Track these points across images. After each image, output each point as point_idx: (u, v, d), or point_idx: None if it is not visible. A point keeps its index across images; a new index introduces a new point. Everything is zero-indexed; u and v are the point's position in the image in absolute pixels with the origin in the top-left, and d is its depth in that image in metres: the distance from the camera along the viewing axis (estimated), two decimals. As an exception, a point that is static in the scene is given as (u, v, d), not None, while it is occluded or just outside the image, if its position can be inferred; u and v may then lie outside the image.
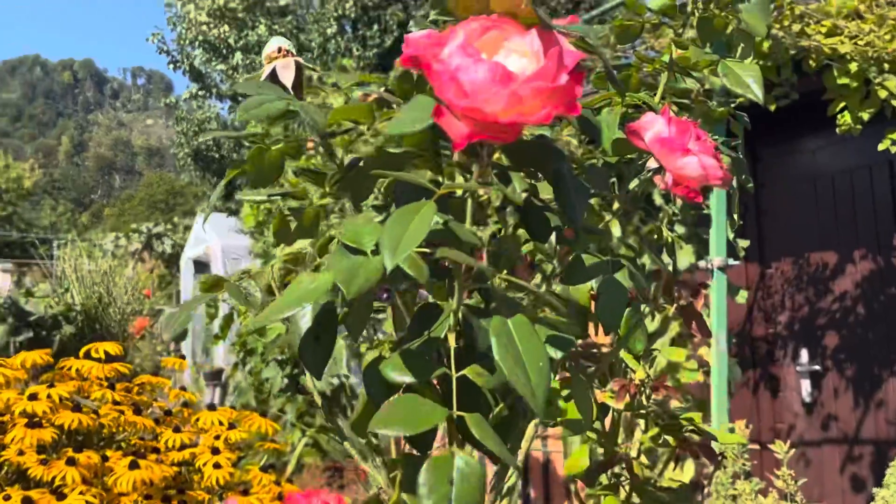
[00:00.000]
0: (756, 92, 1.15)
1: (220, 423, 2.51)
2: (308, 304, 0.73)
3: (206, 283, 0.96)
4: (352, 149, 0.86)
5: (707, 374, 3.35)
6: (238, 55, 13.01)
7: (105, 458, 2.22)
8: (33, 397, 2.30)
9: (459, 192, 0.73)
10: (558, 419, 1.12)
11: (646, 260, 1.48)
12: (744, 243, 3.21)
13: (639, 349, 1.37)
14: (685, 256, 3.20)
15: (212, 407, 2.68)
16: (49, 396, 2.28)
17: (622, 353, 1.38)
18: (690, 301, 1.37)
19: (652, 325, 3.12)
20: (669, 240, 1.45)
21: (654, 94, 1.32)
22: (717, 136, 1.34)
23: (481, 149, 0.74)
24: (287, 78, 0.81)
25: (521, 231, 0.96)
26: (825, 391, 4.01)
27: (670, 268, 1.34)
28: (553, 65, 0.67)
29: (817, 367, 4.01)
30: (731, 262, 3.15)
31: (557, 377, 1.20)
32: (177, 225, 17.77)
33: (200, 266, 12.36)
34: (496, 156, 0.81)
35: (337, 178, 0.85)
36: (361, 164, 0.85)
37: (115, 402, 2.42)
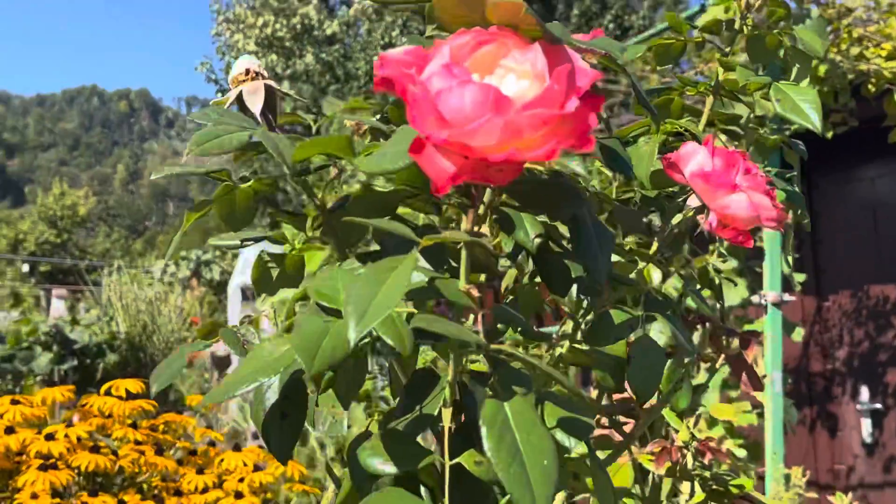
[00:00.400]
0: (813, 119, 1.00)
1: (245, 465, 2.40)
2: (267, 378, 0.60)
3: (202, 329, 0.84)
4: (335, 187, 0.74)
5: (761, 415, 3.16)
6: (286, 84, 13.07)
7: (122, 503, 2.13)
8: (50, 437, 2.22)
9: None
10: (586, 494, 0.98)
11: (690, 303, 1.32)
12: (799, 277, 3.03)
13: (682, 406, 1.22)
14: (737, 292, 3.02)
15: (237, 448, 2.57)
16: (67, 436, 2.19)
17: (665, 411, 1.23)
18: (740, 351, 1.21)
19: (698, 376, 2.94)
20: (717, 281, 1.30)
21: (699, 121, 1.18)
22: (770, 168, 1.19)
23: (477, 190, 0.61)
24: (255, 104, 0.69)
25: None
26: (887, 431, 3.78)
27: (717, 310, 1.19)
28: (560, 87, 0.54)
29: (878, 406, 3.79)
30: (787, 297, 2.97)
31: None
32: (225, 252, 17.87)
33: (247, 293, 12.36)
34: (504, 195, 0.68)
35: (319, 221, 0.72)
36: (347, 204, 0.73)
37: (138, 442, 2.33)
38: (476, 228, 0.61)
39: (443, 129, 0.53)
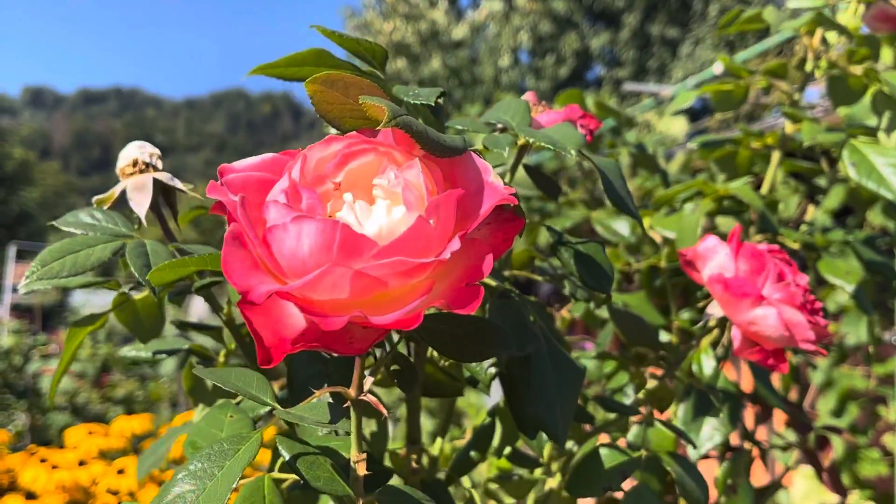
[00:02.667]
0: (894, 187, 0.81)
1: None
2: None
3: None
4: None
5: (892, 465, 2.86)
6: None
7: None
8: (122, 472, 2.19)
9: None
10: None
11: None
12: (934, 315, 2.70)
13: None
14: (860, 329, 2.73)
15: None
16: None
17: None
18: (814, 449, 1.02)
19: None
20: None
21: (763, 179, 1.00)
22: (854, 232, 1.00)
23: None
24: (141, 203, 0.57)
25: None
26: None
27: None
28: (440, 222, 0.39)
29: None
30: (918, 333, 2.66)
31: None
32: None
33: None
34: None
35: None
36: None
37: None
38: (376, 376, 0.47)
39: (276, 279, 0.39)
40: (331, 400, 0.47)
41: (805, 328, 0.60)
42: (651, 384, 0.70)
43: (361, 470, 0.45)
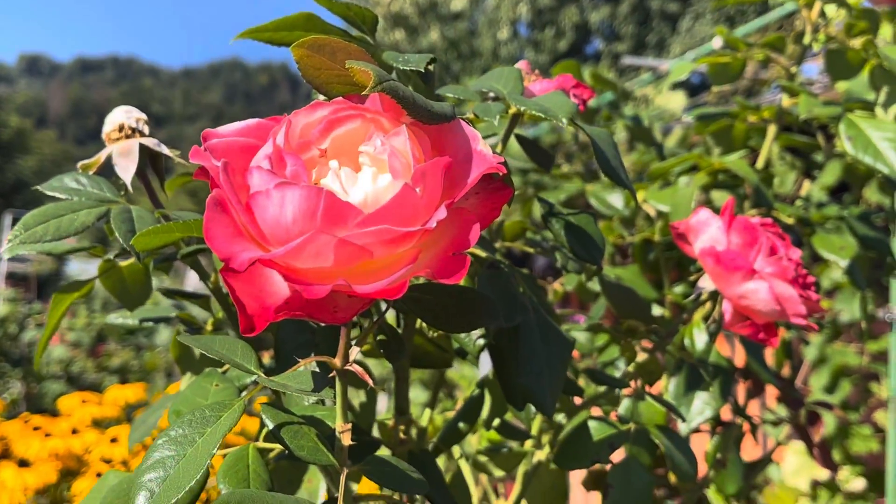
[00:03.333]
0: (891, 161, 0.80)
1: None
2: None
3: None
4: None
5: (883, 441, 2.87)
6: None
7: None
8: (115, 440, 2.19)
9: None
10: None
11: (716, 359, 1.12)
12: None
13: (731, 491, 1.04)
14: (854, 306, 2.73)
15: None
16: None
17: (711, 493, 1.04)
18: (805, 424, 1.03)
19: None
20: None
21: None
22: (850, 208, 0.99)
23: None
24: (126, 168, 0.56)
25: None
26: None
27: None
28: (426, 190, 0.39)
29: None
30: (915, 309, 2.66)
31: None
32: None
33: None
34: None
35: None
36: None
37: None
38: (362, 347, 0.46)
39: (259, 246, 0.39)
40: (317, 369, 0.47)
41: (797, 302, 0.60)
42: (641, 357, 0.69)
43: (346, 440, 0.45)
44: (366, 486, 0.95)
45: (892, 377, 2.75)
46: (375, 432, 0.70)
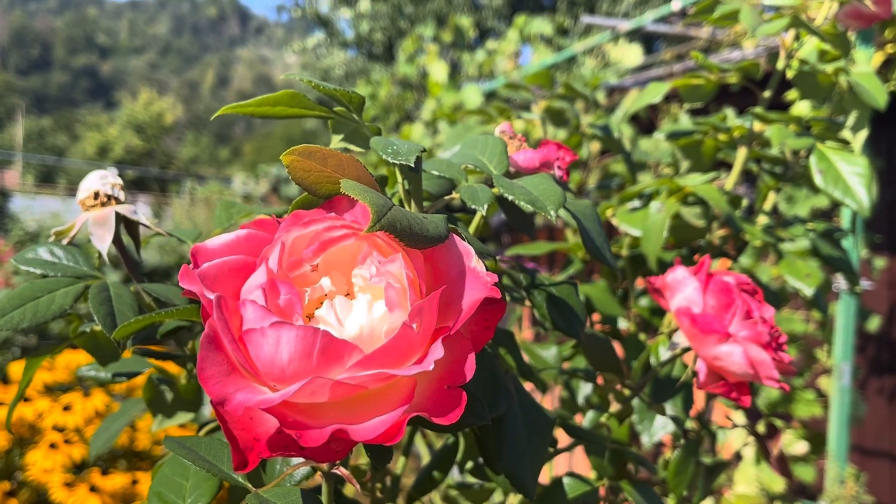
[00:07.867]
0: (860, 196, 0.82)
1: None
2: None
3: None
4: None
5: (825, 406, 2.97)
6: (365, 2, 12.77)
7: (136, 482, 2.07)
8: (68, 408, 2.16)
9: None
10: None
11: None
12: (879, 263, 2.78)
13: (680, 493, 1.06)
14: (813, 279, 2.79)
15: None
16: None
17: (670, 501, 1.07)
18: (762, 435, 1.05)
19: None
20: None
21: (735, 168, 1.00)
22: (816, 224, 1.00)
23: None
24: (103, 238, 0.54)
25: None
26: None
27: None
28: (420, 325, 0.38)
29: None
30: (865, 285, 2.73)
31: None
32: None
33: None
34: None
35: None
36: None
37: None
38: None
39: (254, 378, 0.38)
40: (304, 469, 0.47)
41: (770, 367, 0.61)
42: (615, 408, 0.70)
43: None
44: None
45: (836, 345, 2.83)
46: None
